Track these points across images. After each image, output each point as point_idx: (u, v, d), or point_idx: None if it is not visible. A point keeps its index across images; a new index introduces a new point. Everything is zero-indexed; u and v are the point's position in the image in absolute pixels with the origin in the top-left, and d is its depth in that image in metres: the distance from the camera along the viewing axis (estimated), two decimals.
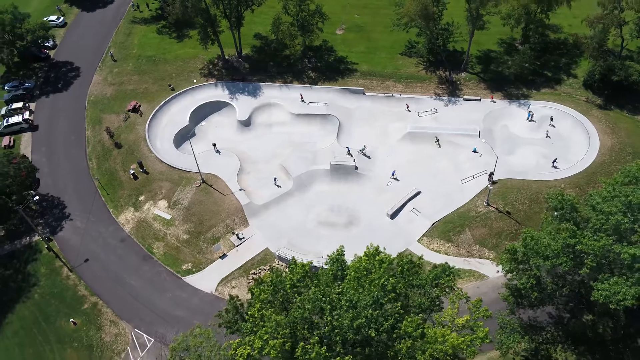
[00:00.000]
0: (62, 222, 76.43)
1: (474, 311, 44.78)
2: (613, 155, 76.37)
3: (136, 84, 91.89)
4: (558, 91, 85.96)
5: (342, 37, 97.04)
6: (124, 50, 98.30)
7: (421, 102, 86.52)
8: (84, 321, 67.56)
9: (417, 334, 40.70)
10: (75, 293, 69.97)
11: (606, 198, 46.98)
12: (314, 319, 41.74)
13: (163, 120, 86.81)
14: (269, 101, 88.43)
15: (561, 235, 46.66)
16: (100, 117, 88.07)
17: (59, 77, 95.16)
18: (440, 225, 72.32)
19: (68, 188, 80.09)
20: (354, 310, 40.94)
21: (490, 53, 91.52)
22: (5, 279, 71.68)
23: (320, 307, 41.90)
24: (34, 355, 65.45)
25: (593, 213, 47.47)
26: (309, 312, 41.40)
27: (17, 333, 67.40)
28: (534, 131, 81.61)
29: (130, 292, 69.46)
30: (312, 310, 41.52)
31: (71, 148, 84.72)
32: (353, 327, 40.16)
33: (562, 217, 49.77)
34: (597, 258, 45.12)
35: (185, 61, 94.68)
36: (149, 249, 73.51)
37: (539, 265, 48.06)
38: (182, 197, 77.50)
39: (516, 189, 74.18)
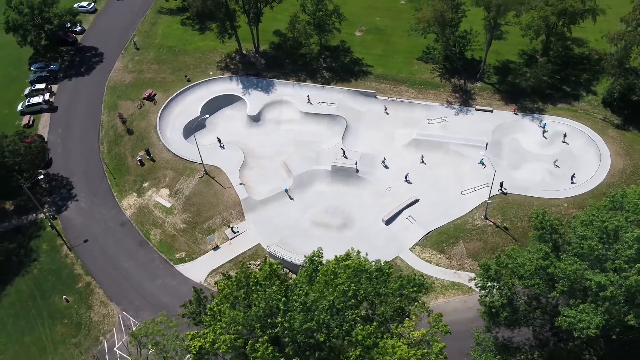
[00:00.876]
0: (68, 202, 79.05)
1: (433, 325, 44.11)
2: (623, 177, 73.61)
3: (154, 73, 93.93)
4: (575, 107, 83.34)
5: (361, 38, 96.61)
6: (147, 39, 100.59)
7: (432, 109, 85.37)
8: (76, 299, 69.80)
9: (368, 343, 40.39)
10: (71, 271, 72.33)
11: (584, 222, 45.41)
12: (268, 318, 41.95)
13: (175, 110, 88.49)
14: (281, 98, 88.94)
15: (534, 256, 45.41)
16: (117, 103, 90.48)
17: (83, 61, 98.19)
18: (434, 235, 71.34)
19: (78, 169, 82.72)
20: (306, 313, 40.94)
21: (510, 64, 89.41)
22: (9, 252, 74.68)
23: (276, 307, 42.09)
24: (26, 328, 68.03)
25: (573, 236, 46.00)
26: (263, 310, 41.68)
27: (13, 305, 70.21)
28: (544, 147, 79.38)
29: (123, 275, 71.31)
30: (266, 309, 41.76)
31: (86, 131, 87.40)
32: (302, 329, 40.20)
33: (542, 238, 48.37)
34: (569, 283, 43.69)
35: (205, 53, 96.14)
36: (146, 235, 75.25)
37: (512, 285, 46.92)
38: (184, 187, 78.91)
39: (517, 205, 72.44)
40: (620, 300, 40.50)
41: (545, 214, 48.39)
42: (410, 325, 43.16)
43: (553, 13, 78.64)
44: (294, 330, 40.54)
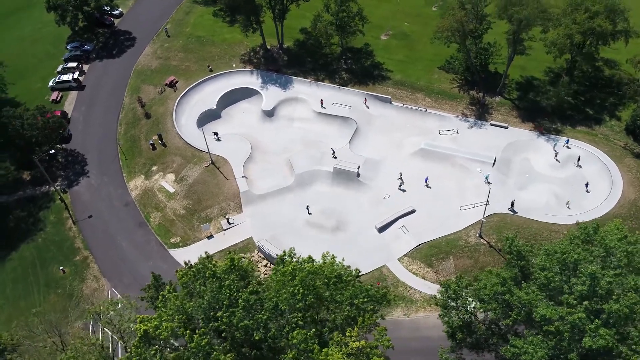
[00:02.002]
0: (79, 178, 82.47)
1: (376, 338, 43.68)
2: (632, 210, 70.27)
3: (180, 61, 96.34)
4: (595, 132, 79.97)
5: (385, 42, 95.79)
6: (178, 27, 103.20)
7: (446, 120, 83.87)
8: (71, 271, 72.91)
9: (302, 347, 40.47)
10: (72, 244, 75.55)
11: (548, 251, 43.72)
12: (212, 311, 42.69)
13: (194, 99, 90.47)
14: (297, 96, 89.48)
15: (494, 281, 44.20)
16: (140, 86, 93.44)
17: (116, 44, 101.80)
18: (425, 247, 70.27)
19: (94, 147, 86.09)
20: (246, 311, 41.44)
21: (534, 80, 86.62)
22: (19, 220, 78.69)
23: (222, 301, 42.77)
24: (23, 292, 71.65)
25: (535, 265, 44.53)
26: (207, 303, 42.46)
27: (15, 270, 74.02)
28: (555, 170, 76.62)
29: (118, 254, 73.92)
30: (211, 302, 42.52)
31: (107, 111, 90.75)
32: (240, 326, 40.73)
33: (509, 263, 47.00)
34: (525, 312, 42.28)
35: (230, 45, 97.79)
36: (146, 217, 77.63)
37: (469, 307, 45.88)
38: (189, 174, 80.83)
39: (515, 226, 70.30)
40: (566, 336, 38.84)
41: (514, 239, 46.98)
42: (353, 334, 42.85)
43: (579, 32, 75.61)
44: (232, 327, 41.11)
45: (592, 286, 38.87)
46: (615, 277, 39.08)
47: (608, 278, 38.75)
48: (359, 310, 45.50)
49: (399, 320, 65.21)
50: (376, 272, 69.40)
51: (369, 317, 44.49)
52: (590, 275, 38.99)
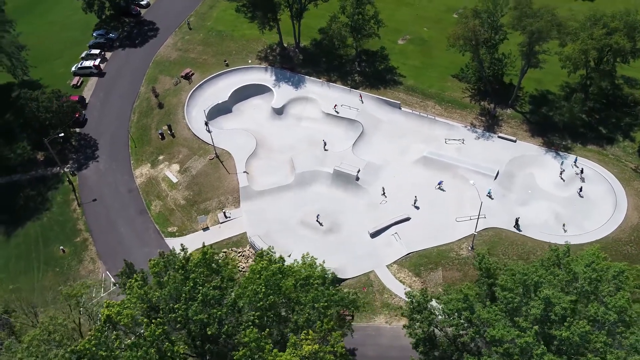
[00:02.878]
0: (89, 162, 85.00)
1: (332, 344, 43.72)
2: (634, 235, 67.96)
3: (198, 54, 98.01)
4: (606, 152, 77.57)
5: (402, 47, 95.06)
6: (201, 21, 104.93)
7: (454, 129, 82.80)
8: (71, 252, 75.35)
9: (253, 346, 40.91)
10: (74, 225, 78.03)
11: (513, 272, 42.84)
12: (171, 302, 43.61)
13: (207, 92, 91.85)
14: (307, 95, 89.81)
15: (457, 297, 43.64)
16: (157, 77, 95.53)
17: (140, 34, 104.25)
18: (415, 256, 69.69)
19: (107, 133, 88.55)
20: (201, 305, 42.17)
21: (548, 94, 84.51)
22: (28, 199, 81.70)
23: (183, 293, 43.63)
24: (24, 268, 74.47)
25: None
26: (169, 294, 43.40)
27: (19, 246, 76.95)
28: (559, 188, 74.73)
29: (117, 238, 75.95)
30: (173, 294, 43.43)
31: (123, 99, 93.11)
32: (195, 319, 41.49)
33: (479, 280, 46.29)
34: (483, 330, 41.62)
35: (249, 41, 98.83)
36: (148, 205, 79.48)
37: (432, 320, 45.43)
38: (193, 166, 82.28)
39: (508, 242, 69.07)
40: (516, 359, 38.03)
41: (484, 255, 46.23)
42: (308, 337, 43.03)
43: (594, 47, 73.42)
44: (188, 319, 41.91)
45: (547, 310, 37.90)
46: (571, 304, 37.99)
47: (564, 304, 37.71)
48: (319, 314, 45.61)
49: (380, 327, 64.98)
50: (364, 277, 69.25)
51: (327, 322, 44.52)
52: (545, 300, 38.06)
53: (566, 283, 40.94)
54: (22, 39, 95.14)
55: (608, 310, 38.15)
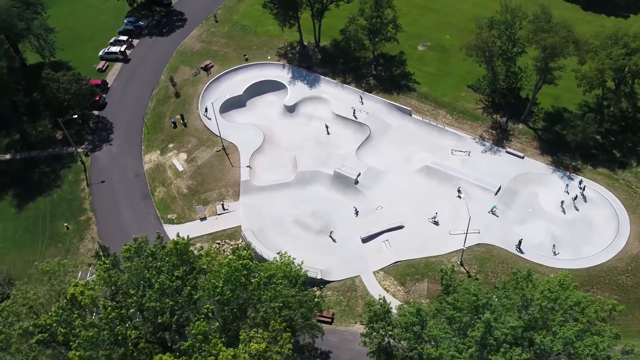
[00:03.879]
0: (103, 144, 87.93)
1: (281, 345, 44.06)
2: (631, 265, 65.48)
3: (220, 46, 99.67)
4: (617, 176, 74.76)
5: (421, 54, 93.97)
6: (227, 14, 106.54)
7: (462, 140, 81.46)
8: (74, 229, 78.32)
9: (200, 338, 41.77)
10: (80, 204, 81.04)
11: (466, 291, 42.10)
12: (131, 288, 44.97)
13: (223, 85, 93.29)
14: (320, 95, 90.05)
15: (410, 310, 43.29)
16: (178, 67, 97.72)
17: (168, 24, 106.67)
18: (402, 266, 69.21)
19: (123, 118, 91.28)
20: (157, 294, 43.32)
21: (564, 113, 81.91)
22: (43, 175, 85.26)
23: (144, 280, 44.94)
24: (29, 241, 77.91)
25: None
26: (128, 279, 44.77)
27: (28, 219, 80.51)
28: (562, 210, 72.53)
29: (118, 221, 78.46)
30: (131, 279, 44.79)
31: (143, 86, 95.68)
32: (148, 307, 42.70)
33: (440, 296, 45.72)
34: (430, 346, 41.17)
35: (271, 37, 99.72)
36: (152, 191, 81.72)
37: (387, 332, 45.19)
38: (200, 156, 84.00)
39: (499, 260, 67.70)
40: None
41: (448, 271, 45.61)
42: (257, 336, 43.54)
43: (611, 67, 70.84)
44: (142, 305, 43.17)
45: (486, 334, 37.15)
46: (511, 330, 37.08)
47: (505, 329, 36.85)
48: (274, 313, 46.06)
49: (358, 332, 63.99)
50: (349, 280, 69.30)
51: (280, 323, 44.92)
52: (485, 323, 37.31)
53: (518, 308, 39.96)
54: (59, 20, 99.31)
55: (555, 340, 37.04)
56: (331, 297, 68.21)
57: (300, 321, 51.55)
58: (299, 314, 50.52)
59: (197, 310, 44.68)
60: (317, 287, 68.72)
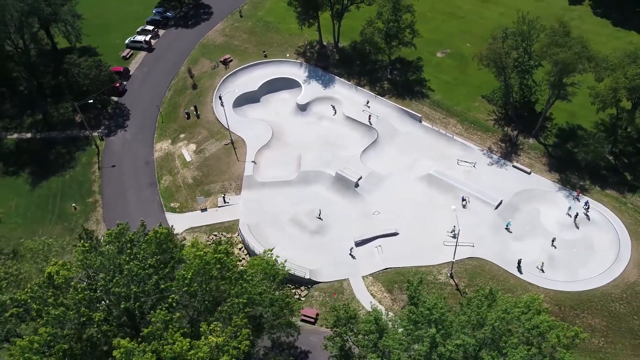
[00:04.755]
0: (118, 130, 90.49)
1: (239, 340, 44.56)
2: (626, 293, 63.36)
3: (242, 41, 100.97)
4: (625, 199, 72.27)
5: (439, 60, 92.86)
6: (253, 10, 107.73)
7: (469, 151, 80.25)
8: (81, 210, 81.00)
9: (158, 326, 42.77)
10: (90, 186, 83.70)
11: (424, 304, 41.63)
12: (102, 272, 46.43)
13: (239, 80, 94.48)
14: (333, 96, 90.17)
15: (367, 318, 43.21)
16: (199, 59, 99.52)
17: (195, 16, 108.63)
18: (392, 272, 68.83)
19: (140, 105, 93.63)
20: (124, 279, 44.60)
21: (579, 130, 79.54)
22: (59, 155, 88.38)
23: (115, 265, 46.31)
24: (39, 218, 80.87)
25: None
26: (100, 263, 46.22)
27: (40, 197, 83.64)
28: (563, 230, 70.58)
29: (123, 205, 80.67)
30: (103, 263, 46.22)
31: (163, 75, 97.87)
32: (113, 292, 44.04)
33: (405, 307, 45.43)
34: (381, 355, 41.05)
35: (292, 35, 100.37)
36: (158, 178, 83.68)
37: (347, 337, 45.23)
38: (208, 148, 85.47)
39: (490, 276, 66.52)
40: None
41: (414, 283, 45.26)
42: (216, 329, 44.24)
43: (625, 87, 68.48)
44: (108, 290, 44.53)
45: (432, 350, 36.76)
46: (456, 347, 36.55)
47: (450, 347, 36.37)
48: (239, 307, 46.66)
49: None
50: (337, 283, 69.38)
51: (241, 319, 45.51)
52: (430, 339, 36.92)
53: (473, 327, 39.33)
54: (92, 7, 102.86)
55: None
56: (317, 297, 68.48)
57: (271, 319, 52.12)
58: (269, 312, 51.10)
59: (163, 299, 45.74)
60: (304, 287, 69.15)
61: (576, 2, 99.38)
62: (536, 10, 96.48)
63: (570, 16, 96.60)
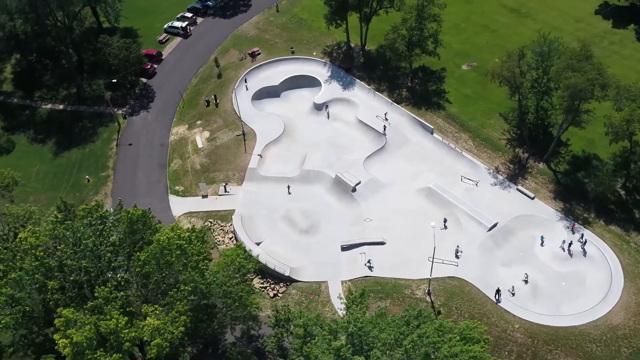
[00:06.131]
0: (141, 110, 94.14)
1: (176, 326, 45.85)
2: (606, 336, 60.46)
3: (273, 36, 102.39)
4: (629, 238, 68.64)
5: (463, 73, 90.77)
6: (290, 5, 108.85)
7: (475, 169, 78.39)
8: (94, 183, 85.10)
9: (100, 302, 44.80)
10: (106, 161, 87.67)
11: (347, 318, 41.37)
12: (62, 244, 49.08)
13: (263, 73, 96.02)
14: (351, 98, 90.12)
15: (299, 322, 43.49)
16: (229, 49, 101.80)
17: (233, 7, 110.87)
18: (370, 281, 68.43)
19: (166, 89, 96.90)
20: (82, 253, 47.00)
21: (594, 160, 76.03)
22: (83, 129, 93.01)
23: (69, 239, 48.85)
24: (55, 185, 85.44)
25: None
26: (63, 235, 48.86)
27: (60, 166, 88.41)
28: (555, 261, 67.84)
29: (132, 183, 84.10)
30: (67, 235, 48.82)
31: (192, 62, 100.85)
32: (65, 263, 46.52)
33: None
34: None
35: (322, 34, 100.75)
36: (169, 161, 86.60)
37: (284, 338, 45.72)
38: (220, 137, 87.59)
39: (468, 298, 65.02)
40: None
41: (353, 292, 45.12)
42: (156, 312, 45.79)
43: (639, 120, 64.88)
44: (62, 262, 47.02)
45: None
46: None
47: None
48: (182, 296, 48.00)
49: None
50: (316, 284, 69.66)
51: (182, 306, 46.87)
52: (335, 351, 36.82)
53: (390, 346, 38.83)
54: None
55: None
56: (294, 296, 69.05)
57: (224, 310, 53.31)
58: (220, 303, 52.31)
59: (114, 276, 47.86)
60: (283, 284, 69.90)
61: (620, 25, 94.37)
62: (576, 30, 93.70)
63: (611, 40, 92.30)
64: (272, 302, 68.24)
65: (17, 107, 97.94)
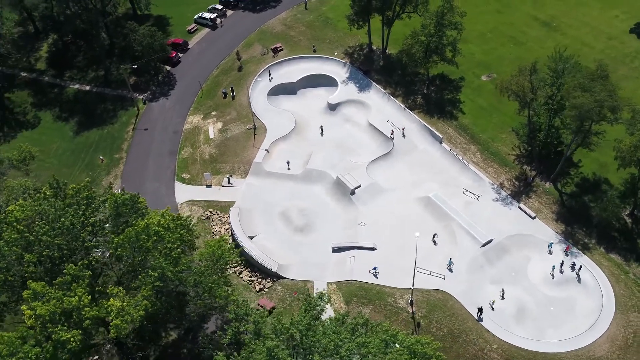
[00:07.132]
0: (161, 97, 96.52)
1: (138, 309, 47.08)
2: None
3: (297, 33, 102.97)
4: (628, 269, 66.08)
5: (481, 84, 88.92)
6: (319, 3, 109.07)
7: (479, 182, 76.92)
8: (107, 164, 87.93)
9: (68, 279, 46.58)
10: (121, 143, 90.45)
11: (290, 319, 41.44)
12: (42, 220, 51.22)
13: (282, 70, 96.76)
14: (365, 101, 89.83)
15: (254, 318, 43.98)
16: (253, 43, 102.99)
17: (263, 2, 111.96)
18: (355, 285, 68.23)
19: (187, 78, 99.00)
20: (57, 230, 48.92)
21: (604, 184, 73.28)
22: (105, 111, 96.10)
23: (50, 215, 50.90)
24: (70, 162, 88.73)
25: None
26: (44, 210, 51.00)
27: (78, 144, 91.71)
28: (546, 284, 65.90)
29: (142, 167, 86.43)
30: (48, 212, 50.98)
31: (215, 54, 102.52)
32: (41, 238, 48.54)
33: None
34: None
35: (346, 34, 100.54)
36: (180, 149, 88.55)
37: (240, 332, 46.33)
38: (232, 129, 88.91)
39: (449, 313, 64.00)
40: None
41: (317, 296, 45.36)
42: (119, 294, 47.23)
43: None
44: (38, 237, 49.06)
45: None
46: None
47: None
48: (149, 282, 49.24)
49: None
50: (302, 283, 70.00)
51: (146, 291, 48.12)
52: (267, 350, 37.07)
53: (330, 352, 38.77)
54: None
55: None
56: (279, 292, 69.63)
57: (195, 299, 54.38)
58: (192, 292, 53.40)
59: (86, 256, 49.62)
60: (270, 279, 70.54)
61: None
62: (606, 48, 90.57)
63: None
64: (257, 296, 69.27)
65: (47, 85, 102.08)
